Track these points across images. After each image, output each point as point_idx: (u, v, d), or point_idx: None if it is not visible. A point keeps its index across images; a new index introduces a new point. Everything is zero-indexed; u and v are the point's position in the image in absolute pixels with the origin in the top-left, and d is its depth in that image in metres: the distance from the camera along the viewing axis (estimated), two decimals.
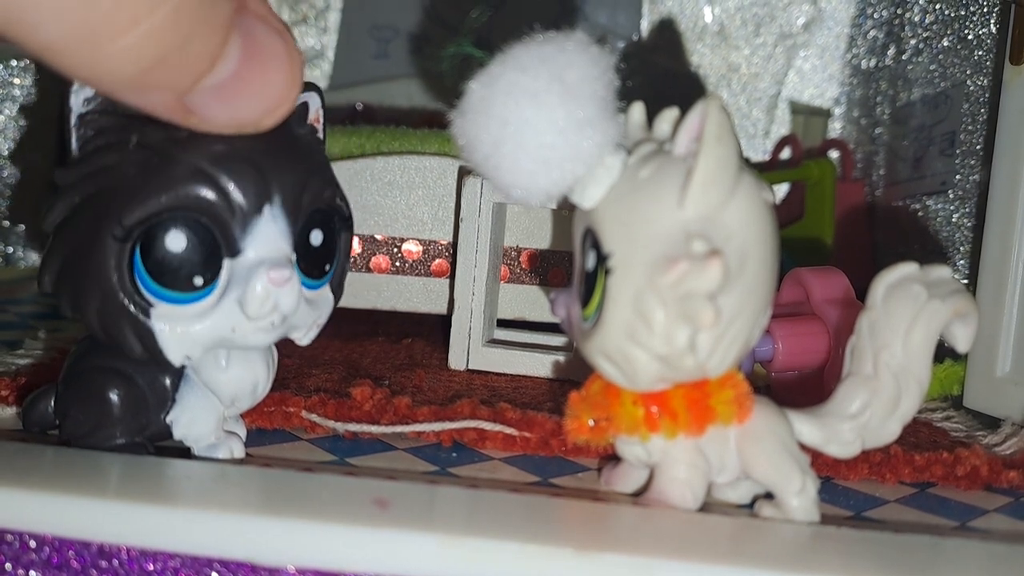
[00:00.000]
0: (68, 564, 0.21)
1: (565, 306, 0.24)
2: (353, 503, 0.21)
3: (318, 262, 0.24)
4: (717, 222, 0.21)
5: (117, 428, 0.23)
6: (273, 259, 0.22)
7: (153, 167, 0.21)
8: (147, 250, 0.22)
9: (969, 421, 0.35)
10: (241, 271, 0.22)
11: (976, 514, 0.27)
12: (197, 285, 0.22)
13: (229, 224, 0.22)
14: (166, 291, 0.22)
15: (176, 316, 0.22)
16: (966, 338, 0.24)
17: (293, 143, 0.23)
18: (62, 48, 0.18)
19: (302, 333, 0.24)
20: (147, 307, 0.22)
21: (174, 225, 0.22)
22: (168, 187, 0.21)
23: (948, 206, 0.46)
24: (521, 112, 0.21)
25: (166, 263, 0.22)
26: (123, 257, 0.22)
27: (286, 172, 0.22)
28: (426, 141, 0.39)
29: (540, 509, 0.22)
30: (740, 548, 0.21)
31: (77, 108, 0.22)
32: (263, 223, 0.22)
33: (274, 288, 0.22)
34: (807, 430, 0.24)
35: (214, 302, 0.22)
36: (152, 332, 0.22)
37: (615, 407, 0.23)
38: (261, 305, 0.22)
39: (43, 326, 0.39)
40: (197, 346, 0.22)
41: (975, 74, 0.44)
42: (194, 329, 0.22)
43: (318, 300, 0.24)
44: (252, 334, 0.23)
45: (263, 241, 0.22)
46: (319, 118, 0.25)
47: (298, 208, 0.23)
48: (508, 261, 0.38)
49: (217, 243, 0.22)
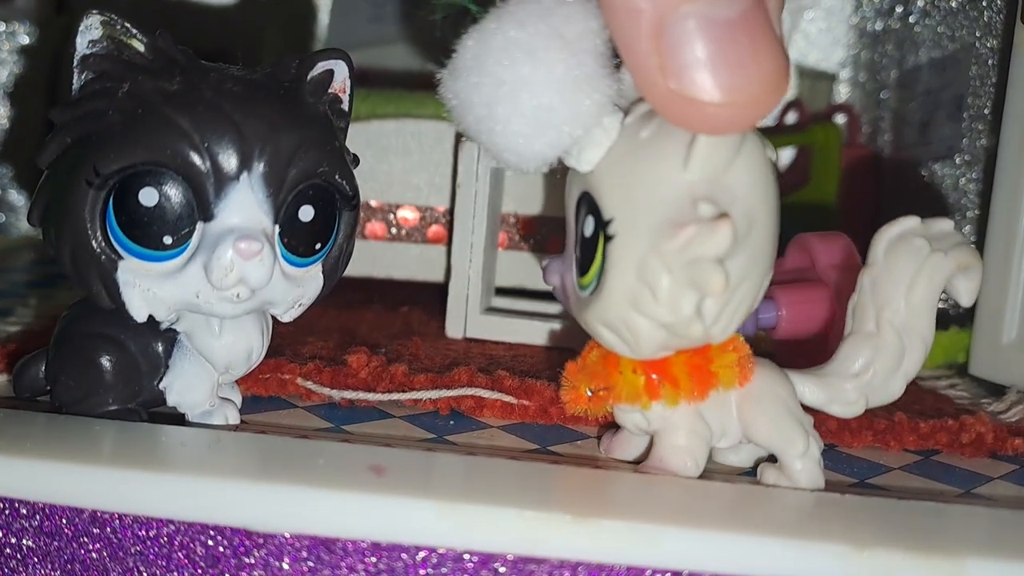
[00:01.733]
0: (60, 531, 0.20)
1: (559, 273, 0.24)
2: (349, 469, 0.21)
3: (307, 240, 0.23)
4: (722, 184, 0.20)
5: (109, 394, 0.23)
6: (245, 229, 0.22)
7: (136, 118, 0.21)
8: (120, 202, 0.21)
9: (974, 389, 0.35)
10: (212, 237, 0.22)
11: (981, 481, 0.26)
12: (167, 244, 0.22)
13: (204, 187, 0.21)
14: (135, 245, 0.22)
15: (143, 272, 0.22)
16: (970, 291, 0.24)
17: (292, 111, 0.22)
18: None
19: (282, 310, 0.24)
20: (116, 259, 0.22)
21: (149, 180, 0.21)
22: (147, 141, 0.21)
23: (955, 171, 0.45)
24: (518, 70, 0.20)
25: (137, 217, 0.21)
26: (96, 205, 0.21)
27: (273, 141, 0.22)
28: (422, 105, 0.38)
29: (539, 476, 0.22)
30: (742, 515, 0.20)
31: (81, 49, 0.22)
32: (240, 190, 0.22)
33: (240, 260, 0.21)
34: (809, 390, 0.24)
35: (182, 264, 0.22)
36: (117, 284, 0.22)
37: (615, 376, 0.23)
38: (224, 275, 0.21)
39: (35, 294, 0.39)
40: (162, 305, 0.22)
41: (984, 36, 0.43)
42: (159, 288, 0.22)
43: (303, 278, 0.23)
44: (217, 303, 0.22)
45: (238, 209, 0.22)
46: (345, 87, 0.24)
47: (282, 180, 0.22)
48: (506, 228, 0.37)
49: (190, 204, 0.21)
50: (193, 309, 0.22)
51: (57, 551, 0.20)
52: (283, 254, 0.23)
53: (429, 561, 0.20)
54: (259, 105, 0.21)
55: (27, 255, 0.51)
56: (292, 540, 0.20)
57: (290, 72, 0.23)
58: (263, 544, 0.20)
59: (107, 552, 0.20)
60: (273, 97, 0.22)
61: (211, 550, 0.20)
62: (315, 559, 0.20)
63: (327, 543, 0.20)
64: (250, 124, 0.21)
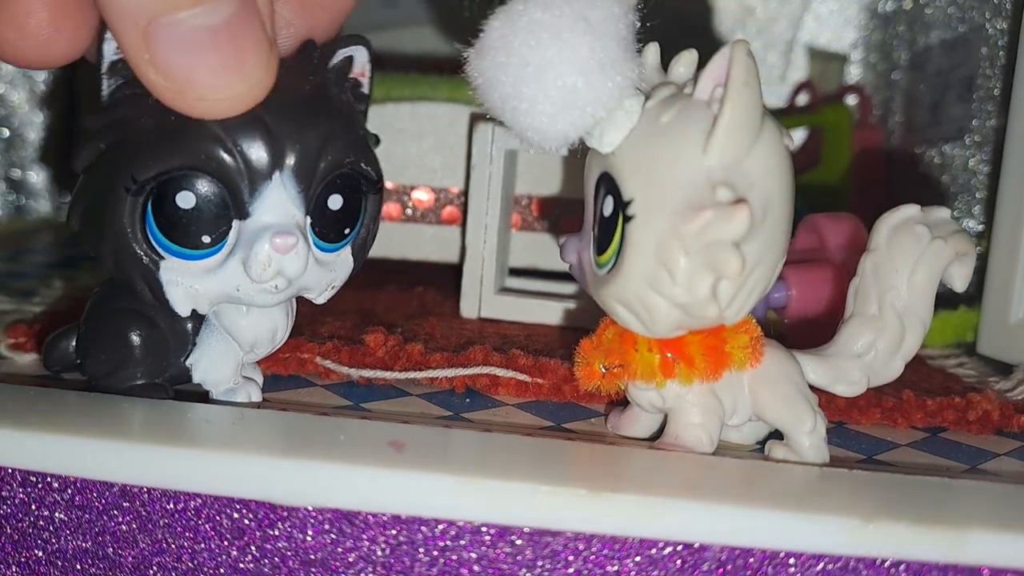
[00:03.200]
0: (91, 504, 0.21)
1: (575, 251, 0.24)
2: (369, 445, 0.21)
3: (336, 226, 0.24)
4: (741, 169, 0.21)
5: (138, 369, 0.24)
6: (280, 225, 0.22)
7: (169, 124, 0.21)
8: (159, 206, 0.22)
9: (982, 367, 0.35)
10: (248, 233, 0.22)
11: (987, 457, 0.27)
12: (205, 243, 0.22)
13: (239, 187, 0.22)
14: (175, 246, 0.22)
15: (184, 270, 0.22)
16: (964, 278, 0.25)
17: (318, 105, 0.23)
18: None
19: (316, 294, 0.24)
20: (157, 259, 0.22)
21: (185, 183, 0.22)
22: (180, 146, 0.21)
23: (965, 152, 0.45)
24: (543, 52, 0.21)
25: (176, 220, 0.22)
26: (136, 210, 0.22)
27: (302, 139, 0.22)
28: (436, 88, 0.39)
29: (554, 452, 0.22)
30: (753, 489, 0.21)
31: (109, 55, 0.22)
32: (273, 188, 0.22)
33: (277, 254, 0.22)
34: (814, 370, 0.24)
35: (221, 260, 0.22)
36: (161, 283, 0.22)
37: (630, 354, 0.23)
38: (263, 269, 0.22)
39: (57, 275, 0.39)
40: (203, 300, 0.23)
41: (994, 17, 0.43)
42: (200, 284, 0.22)
43: (334, 262, 0.24)
44: (257, 295, 0.23)
45: (272, 206, 0.22)
46: (365, 72, 0.24)
47: (312, 174, 0.22)
48: (520, 209, 0.38)
49: (226, 204, 0.22)
50: (234, 301, 0.23)
51: (88, 523, 0.21)
52: (314, 242, 0.23)
53: (447, 534, 0.20)
54: (286, 102, 0.22)
55: (46, 237, 0.52)
56: (315, 513, 0.20)
57: (312, 62, 0.23)
58: (287, 517, 0.21)
59: (136, 524, 0.21)
60: (299, 92, 0.22)
61: (236, 522, 0.21)
62: (337, 531, 0.21)
63: (349, 516, 0.20)
64: (279, 122, 0.22)
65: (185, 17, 0.19)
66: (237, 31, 0.20)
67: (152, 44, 0.19)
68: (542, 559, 0.20)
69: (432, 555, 0.20)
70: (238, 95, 0.21)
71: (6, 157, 0.55)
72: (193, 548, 0.21)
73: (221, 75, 0.20)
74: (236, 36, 0.20)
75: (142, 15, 0.19)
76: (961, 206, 0.45)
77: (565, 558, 0.20)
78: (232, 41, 0.20)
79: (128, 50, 0.20)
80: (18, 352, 0.29)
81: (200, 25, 0.19)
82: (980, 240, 0.40)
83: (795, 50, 0.63)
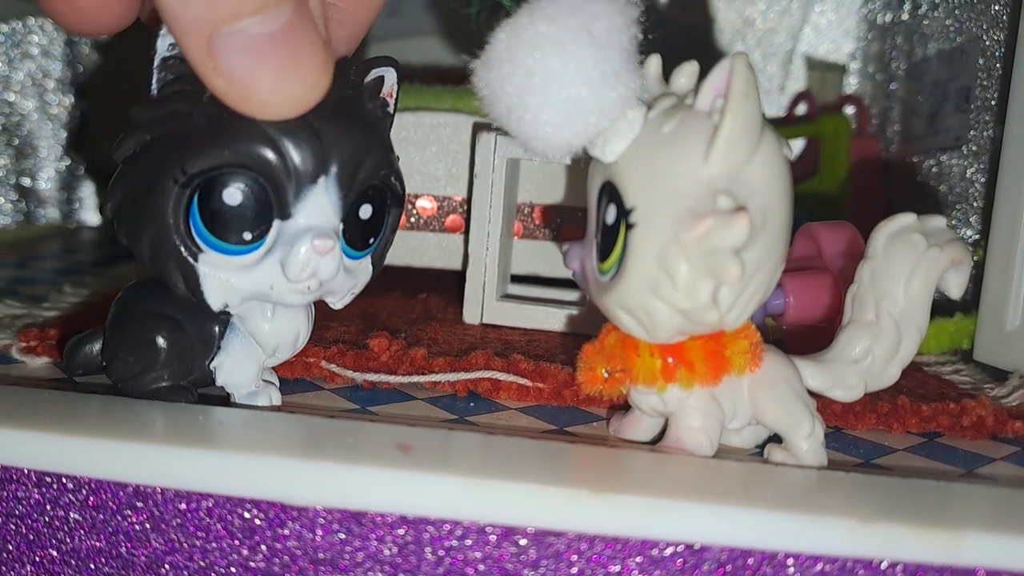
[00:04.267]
0: (105, 504, 0.21)
1: (579, 258, 0.25)
2: (377, 447, 0.22)
3: (364, 235, 0.24)
4: (741, 178, 0.21)
5: (164, 371, 0.24)
6: (320, 228, 0.23)
7: (222, 122, 0.22)
8: (204, 199, 0.22)
9: (978, 374, 0.35)
10: (288, 234, 0.23)
11: (982, 462, 0.27)
12: (246, 240, 0.23)
13: (284, 188, 0.22)
14: (216, 240, 0.23)
15: (221, 264, 0.23)
16: (959, 285, 0.25)
17: (359, 117, 0.24)
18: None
19: (337, 298, 0.25)
20: (196, 251, 0.23)
21: (233, 180, 0.22)
22: (232, 143, 0.22)
23: (962, 161, 0.46)
24: (548, 63, 0.21)
25: (220, 215, 0.22)
26: (181, 202, 0.22)
27: (346, 147, 0.23)
28: (439, 98, 0.39)
29: (557, 454, 0.23)
30: (752, 491, 0.21)
31: (162, 51, 0.22)
32: (316, 192, 0.23)
33: (316, 256, 0.23)
34: (813, 376, 0.25)
35: (259, 258, 0.23)
36: (197, 275, 0.23)
37: (632, 358, 0.24)
38: (301, 270, 0.23)
39: (67, 280, 0.40)
40: (236, 295, 0.23)
41: (991, 29, 0.44)
42: (236, 280, 0.23)
43: (357, 269, 0.25)
44: (288, 294, 0.23)
45: (314, 209, 0.23)
46: (392, 92, 0.25)
47: (352, 182, 0.23)
48: (522, 217, 0.38)
49: (270, 203, 0.23)
50: (263, 299, 0.24)
51: (102, 523, 0.22)
52: (343, 249, 0.24)
53: (453, 534, 0.21)
54: (333, 111, 0.22)
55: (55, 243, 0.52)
56: (324, 513, 0.21)
57: (349, 78, 0.24)
58: (297, 517, 0.21)
59: (149, 524, 0.21)
60: (344, 103, 0.23)
61: (247, 522, 0.21)
62: (346, 531, 0.21)
63: (357, 516, 0.21)
64: (327, 129, 0.22)
65: (245, 26, 0.20)
66: (293, 35, 0.21)
67: (216, 53, 0.20)
68: (546, 559, 0.21)
69: (438, 555, 0.21)
70: (298, 97, 0.21)
71: (16, 165, 0.56)
72: (205, 547, 0.21)
73: (282, 78, 0.21)
74: (293, 40, 0.21)
75: (205, 26, 0.20)
76: (958, 215, 0.45)
77: (568, 558, 0.21)
78: (289, 45, 0.21)
79: (194, 60, 0.21)
80: (30, 356, 0.29)
81: (259, 32, 0.20)
82: (976, 249, 0.40)
83: (794, 61, 0.64)
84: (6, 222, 0.55)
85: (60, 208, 0.58)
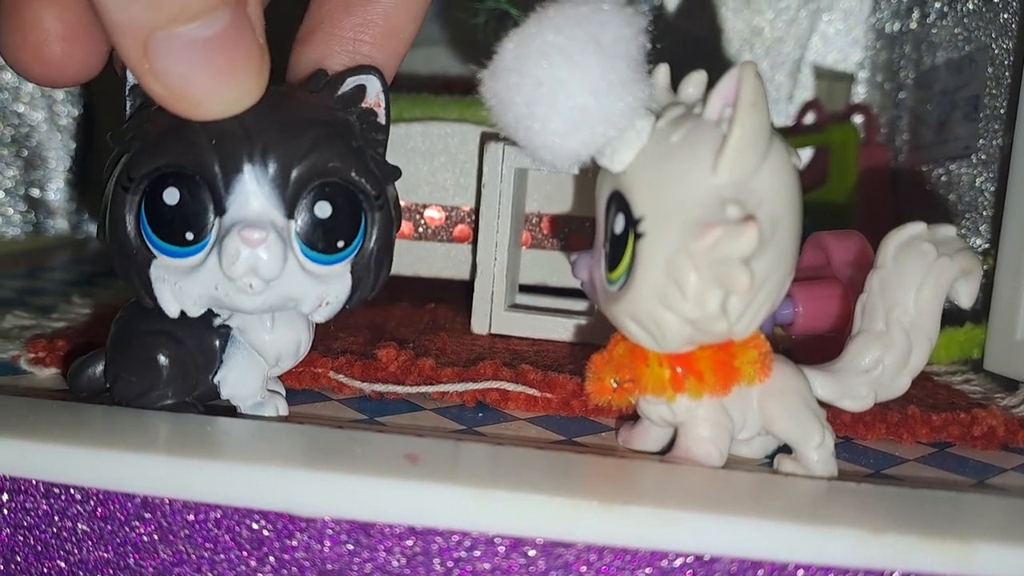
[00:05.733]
0: (113, 516, 0.21)
1: (587, 268, 0.25)
2: (385, 458, 0.21)
3: (325, 236, 0.24)
4: (749, 188, 0.21)
5: (168, 389, 0.24)
6: (252, 220, 0.23)
7: (166, 128, 0.23)
8: (150, 203, 0.23)
9: (988, 383, 0.35)
10: (224, 229, 0.23)
11: (993, 472, 0.27)
12: (188, 240, 0.23)
13: (215, 182, 0.23)
14: (163, 243, 0.23)
15: (172, 268, 0.23)
16: (970, 295, 0.25)
17: (307, 115, 0.23)
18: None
19: (308, 308, 0.24)
20: (150, 257, 0.23)
21: (171, 180, 0.23)
22: (169, 146, 0.23)
23: (971, 170, 0.45)
24: (556, 72, 0.21)
25: (162, 216, 0.23)
26: (131, 208, 0.23)
27: (276, 136, 0.23)
28: (447, 108, 0.39)
29: (566, 464, 0.22)
30: (762, 502, 0.21)
31: (131, 80, 0.23)
32: (245, 183, 0.23)
33: (245, 247, 0.22)
34: (823, 385, 0.25)
35: (203, 259, 0.23)
36: (151, 280, 0.23)
37: (641, 368, 0.24)
38: (232, 262, 0.22)
39: (75, 291, 0.40)
40: (189, 300, 0.23)
41: (1000, 37, 0.44)
42: (184, 283, 0.23)
43: (328, 277, 0.24)
44: (235, 294, 0.23)
45: (244, 201, 0.23)
46: (380, 102, 0.25)
47: (287, 175, 0.23)
48: (530, 227, 0.38)
49: (205, 200, 0.23)
50: (217, 303, 0.24)
51: (110, 534, 0.22)
52: (303, 250, 0.23)
53: (462, 545, 0.21)
54: (269, 106, 0.23)
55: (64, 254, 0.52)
56: (332, 524, 0.21)
57: (318, 87, 0.24)
58: (305, 528, 0.21)
59: (158, 535, 0.21)
60: (286, 100, 0.23)
61: (256, 533, 0.21)
62: (354, 542, 0.21)
63: (365, 527, 0.21)
64: (256, 122, 0.22)
65: (183, 31, 0.21)
66: (230, 41, 0.21)
67: (152, 56, 0.21)
68: (555, 570, 0.21)
69: (447, 566, 0.21)
70: (231, 99, 0.22)
71: (25, 176, 0.56)
72: (213, 558, 0.21)
73: (217, 82, 0.21)
74: (229, 46, 0.21)
75: (141, 30, 0.21)
76: (967, 224, 0.45)
77: (577, 569, 0.20)
78: (225, 51, 0.21)
79: (130, 62, 0.21)
80: (38, 366, 0.29)
81: (197, 37, 0.21)
82: (986, 258, 0.40)
83: (802, 70, 0.64)
84: (15, 233, 0.56)
85: (69, 219, 0.58)
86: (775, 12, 0.63)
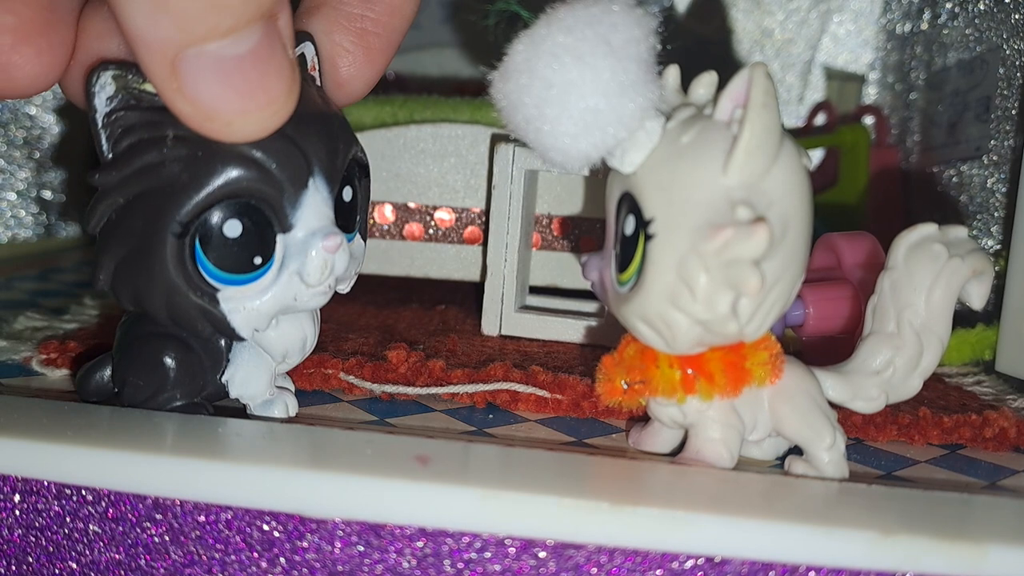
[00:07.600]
0: (124, 517, 0.22)
1: (597, 269, 0.25)
2: (396, 459, 0.22)
3: (350, 215, 0.25)
4: (760, 189, 0.21)
5: (176, 391, 0.24)
6: (323, 228, 0.23)
7: (197, 160, 0.21)
8: (206, 241, 0.22)
9: (1000, 385, 0.35)
10: (294, 243, 0.23)
11: (1005, 474, 0.27)
12: (256, 264, 0.23)
13: (279, 202, 0.22)
14: (229, 275, 0.23)
15: (241, 296, 0.23)
16: (981, 296, 0.25)
17: (319, 106, 0.23)
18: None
19: (346, 284, 0.25)
20: (214, 293, 0.23)
21: (228, 212, 0.22)
22: (216, 177, 0.21)
23: (983, 171, 0.45)
24: (566, 74, 0.21)
25: (227, 250, 0.22)
26: (184, 251, 0.22)
27: (320, 142, 0.23)
28: (458, 110, 0.39)
29: (576, 466, 0.22)
30: (773, 503, 0.21)
31: (102, 108, 0.22)
32: (309, 195, 0.23)
33: (330, 256, 0.23)
34: (833, 387, 0.25)
35: (274, 276, 0.23)
36: (222, 315, 0.23)
37: (651, 370, 0.24)
38: (320, 273, 0.23)
39: (86, 293, 0.40)
40: (263, 318, 0.23)
41: (1012, 38, 0.44)
42: (258, 304, 0.23)
43: (354, 250, 0.25)
44: (312, 299, 0.24)
45: (311, 212, 0.23)
46: (315, 66, 0.25)
47: (335, 173, 0.23)
48: (540, 228, 0.38)
49: (270, 222, 0.23)
50: (288, 311, 0.24)
51: (121, 535, 0.22)
52: None
53: (472, 546, 0.21)
54: (299, 112, 0.22)
55: (75, 256, 0.52)
56: (343, 525, 0.21)
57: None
58: (315, 529, 0.21)
59: (168, 536, 0.21)
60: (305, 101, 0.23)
61: (266, 534, 0.21)
62: (365, 543, 0.21)
63: (376, 528, 0.21)
64: (297, 133, 0.22)
65: (213, 48, 0.20)
66: (261, 59, 0.20)
67: (181, 75, 0.20)
68: (565, 572, 0.21)
69: (457, 567, 0.21)
70: (263, 119, 0.21)
71: (37, 178, 0.56)
72: (224, 559, 0.21)
73: (248, 101, 0.20)
74: (261, 64, 0.20)
75: (170, 48, 0.20)
76: (979, 225, 0.45)
77: (588, 571, 0.20)
78: (257, 68, 0.20)
79: (156, 81, 0.20)
80: (50, 368, 0.29)
81: (227, 55, 0.20)
82: (998, 259, 0.40)
83: (813, 71, 0.64)
84: (27, 235, 0.56)
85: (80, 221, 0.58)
86: (786, 13, 0.63)
